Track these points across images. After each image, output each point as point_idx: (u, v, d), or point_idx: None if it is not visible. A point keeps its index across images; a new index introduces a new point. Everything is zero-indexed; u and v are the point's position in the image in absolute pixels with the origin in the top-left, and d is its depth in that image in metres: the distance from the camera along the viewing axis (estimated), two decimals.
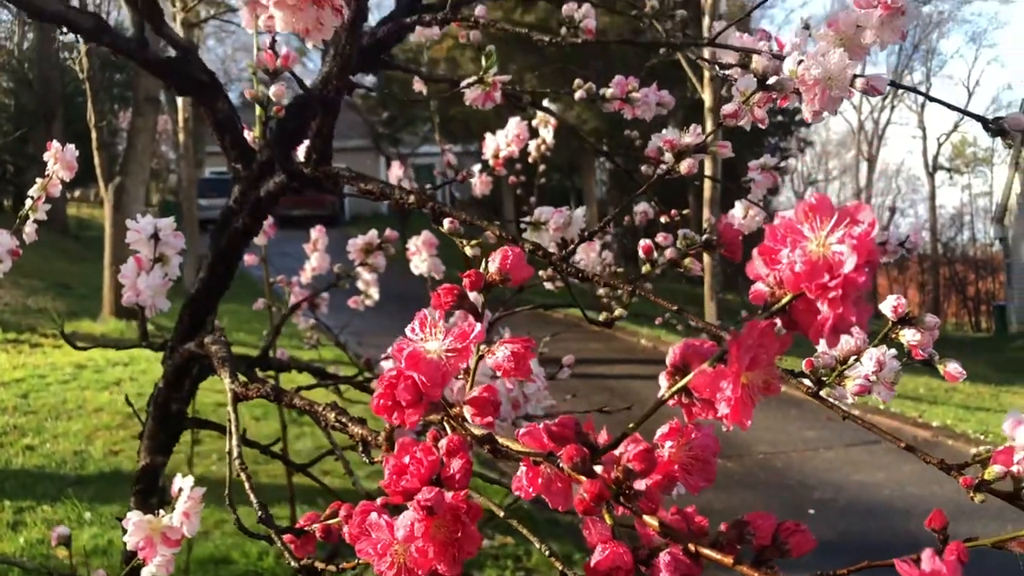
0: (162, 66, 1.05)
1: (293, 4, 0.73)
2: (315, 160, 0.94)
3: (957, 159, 32.13)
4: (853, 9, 0.87)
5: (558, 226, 1.25)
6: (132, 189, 9.67)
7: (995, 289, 27.92)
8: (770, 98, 0.82)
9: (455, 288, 0.61)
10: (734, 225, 1.56)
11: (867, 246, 0.41)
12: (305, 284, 2.13)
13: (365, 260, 1.36)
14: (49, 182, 1.75)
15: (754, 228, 1.62)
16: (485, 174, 1.97)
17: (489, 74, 1.08)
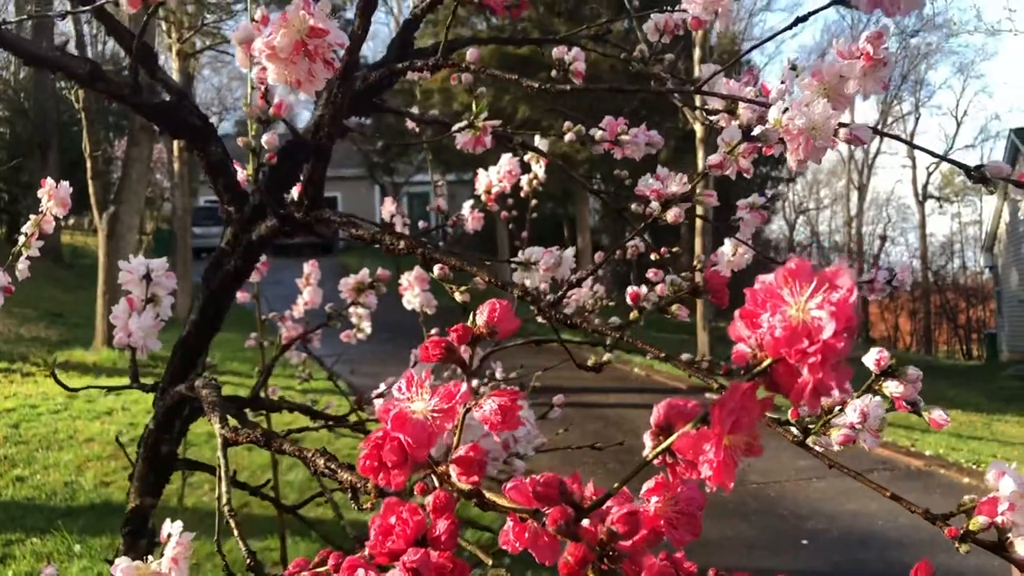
0: (156, 111, 1.06)
1: (286, 57, 0.74)
2: (307, 205, 0.95)
3: (947, 188, 32.35)
4: (836, 59, 0.88)
5: (548, 267, 1.26)
6: (126, 218, 9.68)
7: (986, 317, 28.01)
8: (755, 148, 0.83)
9: (443, 341, 0.62)
10: (721, 269, 1.57)
11: (845, 312, 0.42)
12: (298, 319, 2.13)
13: (357, 299, 1.36)
14: (43, 219, 1.76)
15: (743, 266, 1.64)
16: (477, 210, 1.99)
17: (480, 119, 1.09)
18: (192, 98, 1.11)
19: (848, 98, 0.88)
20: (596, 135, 1.29)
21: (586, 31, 1.30)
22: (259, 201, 1.05)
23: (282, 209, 0.99)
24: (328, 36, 0.73)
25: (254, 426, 0.97)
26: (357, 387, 8.40)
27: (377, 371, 7.73)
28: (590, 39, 1.33)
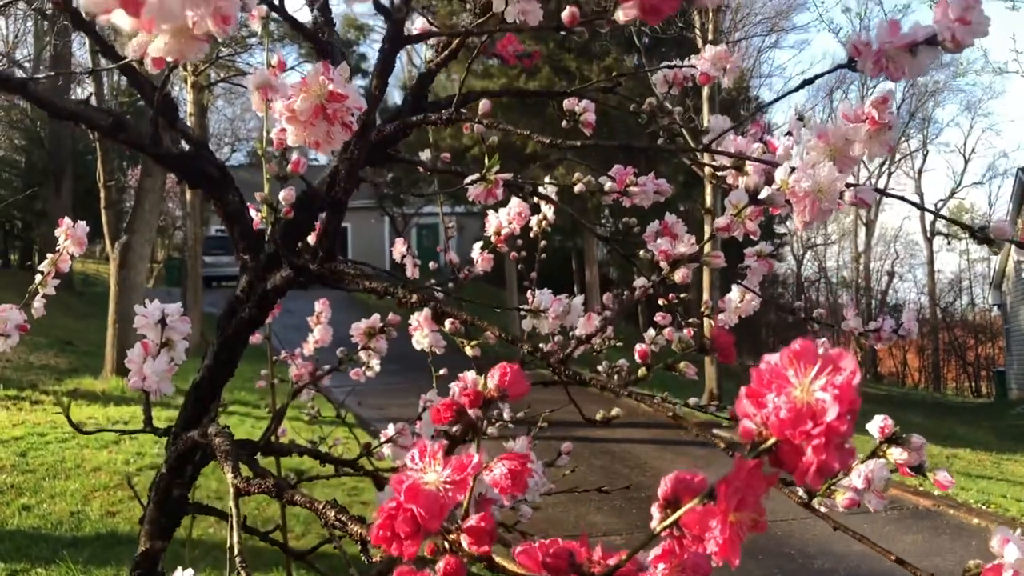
0: (175, 161, 1.08)
1: (305, 120, 0.76)
2: (321, 257, 0.97)
3: (954, 225, 32.30)
4: (842, 122, 0.90)
5: (557, 315, 1.27)
6: (138, 247, 9.75)
7: (995, 354, 27.85)
8: (761, 211, 0.85)
9: (454, 404, 0.63)
10: (729, 316, 1.58)
11: (849, 395, 0.43)
12: (308, 356, 2.15)
13: (368, 344, 1.38)
14: (59, 257, 1.79)
15: (751, 312, 1.65)
16: (487, 251, 2.00)
17: (492, 171, 1.11)
18: (209, 148, 1.13)
19: (854, 160, 0.89)
20: (606, 186, 1.31)
21: (596, 84, 1.32)
22: (274, 250, 1.07)
23: (297, 259, 1.01)
24: (347, 101, 0.75)
25: (265, 475, 0.98)
26: (365, 419, 8.38)
27: (384, 403, 7.68)
28: (600, 91, 1.35)
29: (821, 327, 1.63)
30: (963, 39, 0.85)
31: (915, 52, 0.88)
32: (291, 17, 1.13)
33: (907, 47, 0.88)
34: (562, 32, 0.81)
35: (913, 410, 17.05)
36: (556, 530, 5.79)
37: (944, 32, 0.85)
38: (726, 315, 1.64)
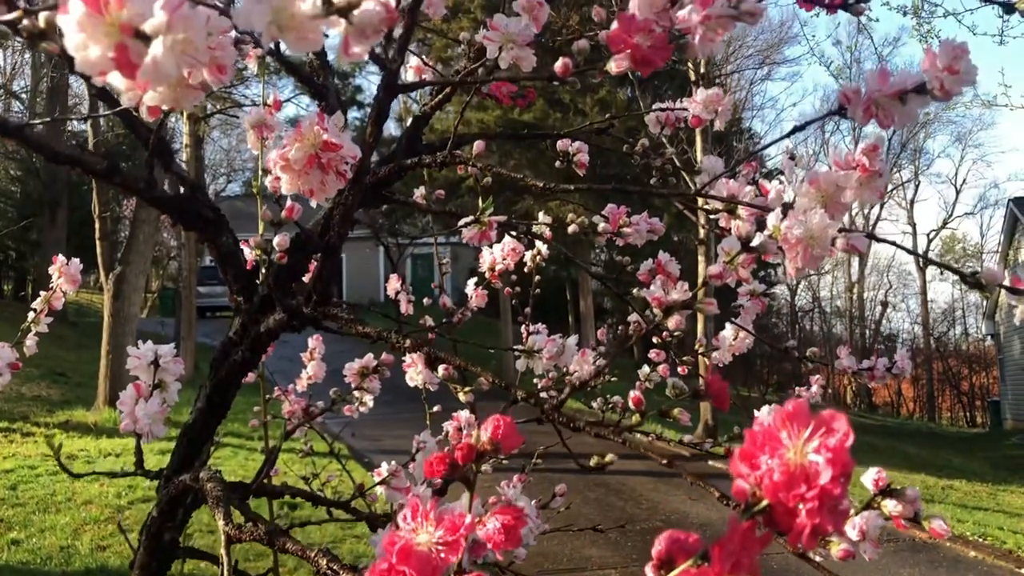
0: (169, 204, 1.09)
1: (299, 169, 0.76)
2: (315, 300, 0.97)
3: (947, 255, 32.46)
4: (833, 169, 0.91)
5: (551, 355, 1.27)
6: (132, 278, 9.74)
7: (989, 384, 27.86)
8: (753, 259, 0.85)
9: (447, 458, 0.63)
10: (723, 354, 1.58)
11: (842, 458, 0.43)
12: (301, 392, 2.14)
13: (361, 384, 1.37)
14: (53, 295, 1.78)
15: (744, 350, 1.65)
16: (481, 287, 2.01)
17: (486, 215, 1.11)
18: (204, 190, 1.14)
19: (845, 206, 0.90)
20: (599, 226, 1.32)
21: (588, 126, 1.33)
22: (267, 293, 1.07)
23: (291, 302, 1.01)
24: (341, 150, 0.75)
25: (257, 521, 0.97)
26: (358, 451, 8.32)
27: (378, 434, 7.64)
28: (592, 133, 1.36)
29: (815, 364, 1.63)
30: (951, 88, 0.86)
31: (904, 100, 0.89)
32: (287, 60, 1.14)
33: (896, 95, 0.89)
34: (555, 82, 0.81)
35: (908, 440, 17.01)
36: (551, 564, 5.74)
37: (932, 81, 0.86)
38: (720, 353, 1.64)
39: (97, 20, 0.46)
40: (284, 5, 0.49)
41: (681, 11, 0.76)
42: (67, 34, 0.46)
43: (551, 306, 20.31)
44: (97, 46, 0.46)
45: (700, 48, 0.76)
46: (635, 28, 0.76)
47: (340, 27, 0.51)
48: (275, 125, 1.48)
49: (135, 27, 0.46)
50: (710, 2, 0.79)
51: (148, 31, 0.45)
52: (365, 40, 0.51)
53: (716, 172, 1.44)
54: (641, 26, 0.77)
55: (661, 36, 0.77)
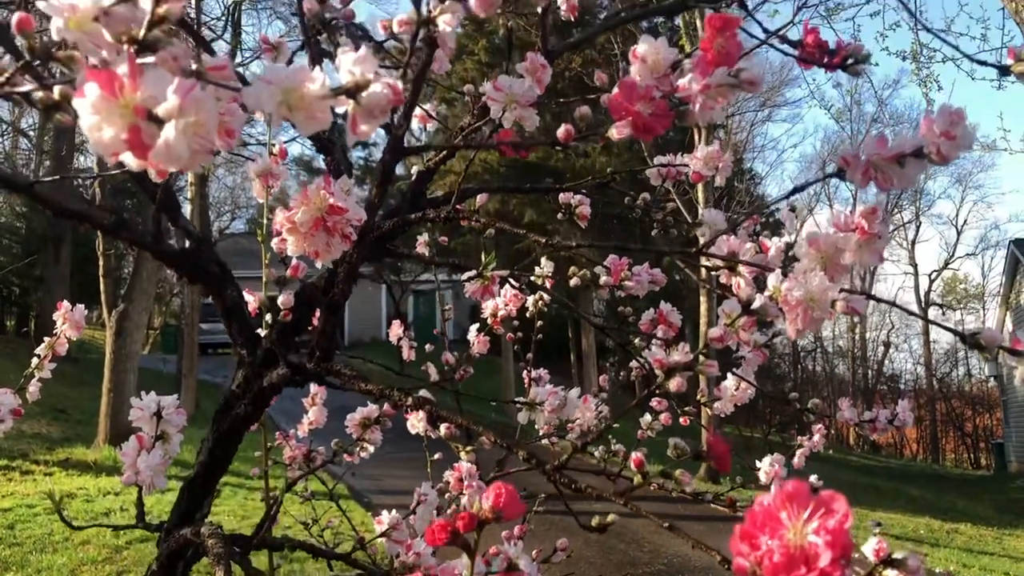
0: (176, 258, 1.10)
1: (305, 232, 0.77)
2: (318, 356, 0.97)
3: (949, 295, 32.47)
4: (833, 231, 0.92)
5: (553, 408, 1.27)
6: (135, 316, 9.75)
7: (992, 426, 27.70)
8: (754, 322, 0.86)
9: (448, 525, 0.63)
10: (724, 404, 1.58)
11: (842, 540, 0.43)
12: (302, 438, 2.14)
13: (363, 435, 1.37)
14: (56, 340, 1.79)
15: (746, 400, 1.65)
16: (483, 333, 2.01)
17: (488, 269, 1.12)
18: (210, 243, 1.15)
19: (845, 268, 0.91)
20: (601, 279, 1.33)
21: (590, 181, 1.34)
22: (271, 347, 1.08)
23: (294, 357, 1.02)
24: (347, 214, 0.77)
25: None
26: (359, 491, 8.27)
27: (379, 473, 7.59)
28: (595, 187, 1.38)
29: (817, 416, 1.63)
30: (948, 153, 0.87)
31: (903, 164, 0.90)
32: None
33: (895, 159, 0.90)
34: (557, 147, 0.83)
35: (912, 482, 16.88)
36: None
37: (930, 146, 0.87)
38: (722, 404, 1.64)
39: (111, 103, 0.47)
40: (293, 86, 0.51)
41: (681, 80, 0.78)
42: (82, 116, 0.48)
43: (553, 343, 20.25)
44: (111, 128, 0.47)
45: (700, 116, 0.78)
46: (636, 96, 0.78)
47: (348, 107, 0.52)
48: (281, 174, 1.50)
49: (148, 110, 0.47)
50: (709, 70, 0.81)
51: (161, 114, 0.47)
52: (372, 120, 0.52)
53: (717, 225, 1.45)
54: (642, 94, 0.78)
55: (662, 104, 0.78)
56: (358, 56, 0.51)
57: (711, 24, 0.83)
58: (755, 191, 21.97)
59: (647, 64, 0.84)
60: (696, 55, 0.85)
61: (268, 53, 1.46)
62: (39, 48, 0.63)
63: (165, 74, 0.48)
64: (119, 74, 0.47)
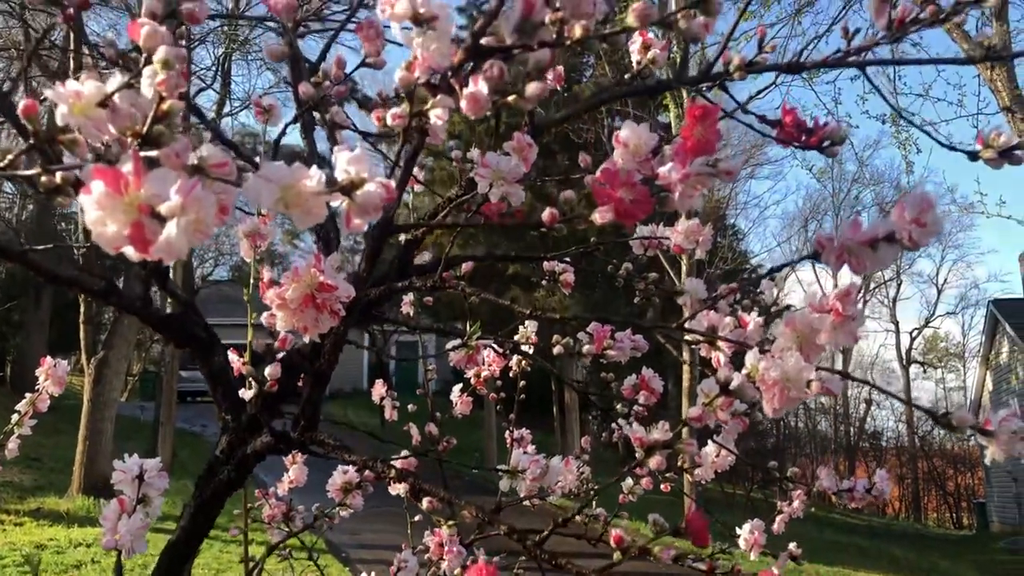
0: (163, 322, 1.11)
1: (295, 308, 0.79)
2: (303, 426, 0.99)
3: (930, 353, 32.68)
4: (808, 312, 0.95)
5: (535, 477, 1.28)
6: (114, 363, 9.68)
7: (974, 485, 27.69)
8: (731, 402, 0.88)
9: None
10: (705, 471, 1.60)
11: None
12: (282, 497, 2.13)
13: (344, 500, 1.38)
14: (38, 397, 1.79)
15: (727, 468, 1.66)
16: (466, 394, 2.03)
17: (473, 338, 1.14)
18: (196, 308, 1.16)
19: (820, 348, 0.93)
20: (583, 348, 1.35)
21: (574, 250, 1.37)
22: (256, 412, 1.09)
23: (278, 428, 1.03)
24: (336, 291, 0.79)
25: None
26: (336, 544, 8.16)
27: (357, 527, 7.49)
28: (579, 255, 1.41)
29: (795, 484, 1.65)
30: (919, 240, 0.90)
31: (876, 248, 0.93)
32: None
33: (868, 243, 0.93)
34: (541, 229, 0.85)
35: (895, 542, 16.80)
36: None
37: (901, 232, 0.91)
38: (703, 470, 1.65)
39: (116, 199, 0.49)
40: (291, 184, 0.53)
41: (662, 168, 0.81)
42: (86, 211, 0.50)
43: (536, 395, 20.18)
44: (114, 224, 0.49)
45: (680, 204, 0.81)
46: (618, 183, 0.81)
47: (343, 202, 0.54)
48: (268, 234, 1.52)
49: (152, 207, 0.49)
50: (689, 159, 0.84)
51: (164, 213, 0.49)
52: (366, 216, 0.54)
53: (698, 295, 1.48)
54: (624, 180, 0.81)
55: (643, 190, 0.81)
56: (354, 156, 0.54)
57: (691, 114, 0.87)
58: (738, 247, 22.17)
59: (629, 148, 0.87)
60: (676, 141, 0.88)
61: (259, 116, 1.49)
62: (43, 132, 0.65)
63: (168, 172, 0.50)
64: (124, 172, 0.49)
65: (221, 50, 13.55)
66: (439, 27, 0.70)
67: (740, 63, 1.05)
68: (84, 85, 0.64)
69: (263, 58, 14.80)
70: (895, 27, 1.13)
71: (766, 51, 1.09)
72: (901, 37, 1.14)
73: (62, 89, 0.64)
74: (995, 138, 1.09)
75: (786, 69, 1.15)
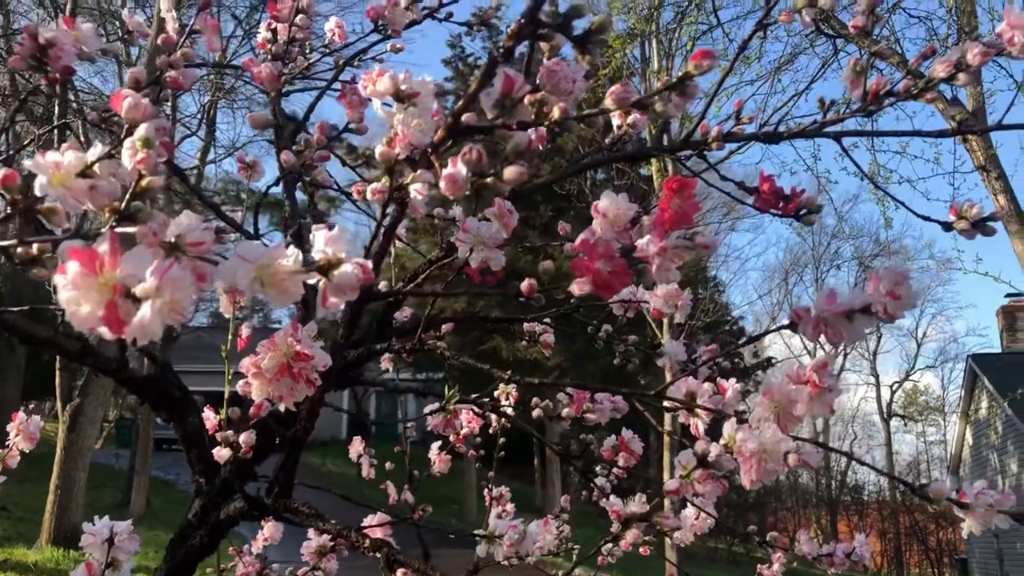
0: (140, 384, 1.10)
1: (271, 377, 0.78)
2: (277, 492, 0.97)
3: (910, 407, 32.77)
4: (786, 382, 0.95)
5: (512, 543, 1.27)
6: (90, 411, 9.54)
7: (955, 540, 27.59)
8: (709, 474, 0.88)
9: None
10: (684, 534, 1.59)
11: None
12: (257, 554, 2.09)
13: (319, 564, 1.35)
14: (8, 454, 1.76)
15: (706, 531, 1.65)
16: (444, 452, 2.01)
17: (451, 403, 1.14)
18: (172, 369, 1.15)
19: (797, 419, 0.93)
20: (563, 412, 1.35)
21: (554, 312, 1.38)
22: (229, 475, 1.07)
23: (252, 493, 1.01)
24: (313, 360, 0.78)
25: None
26: None
27: None
28: (557, 317, 1.41)
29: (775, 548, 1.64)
30: (894, 312, 0.91)
31: (852, 319, 0.94)
32: None
33: (844, 314, 0.94)
34: (520, 298, 0.86)
35: None
36: None
37: (876, 305, 0.91)
38: (682, 533, 1.64)
39: (91, 280, 0.49)
40: (267, 263, 0.53)
41: (640, 241, 0.81)
42: (61, 290, 0.49)
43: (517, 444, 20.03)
44: (88, 304, 0.49)
45: (658, 276, 0.81)
46: (597, 254, 0.81)
47: (319, 281, 0.54)
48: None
49: (126, 288, 0.49)
50: (667, 230, 0.85)
51: (139, 294, 0.48)
52: (342, 296, 0.54)
53: (678, 357, 1.48)
54: (603, 252, 0.82)
55: (621, 262, 0.82)
56: (332, 235, 0.54)
57: (669, 186, 0.88)
58: (719, 299, 22.27)
59: (608, 218, 0.88)
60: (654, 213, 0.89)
61: (242, 171, 1.50)
62: (22, 202, 0.65)
63: (145, 252, 0.50)
64: (99, 251, 0.49)
65: (207, 97, 13.65)
66: (421, 103, 0.71)
67: (718, 134, 1.06)
68: (64, 156, 0.64)
69: (248, 106, 14.89)
70: (869, 99, 1.16)
71: (743, 122, 1.11)
72: (876, 111, 1.16)
73: (42, 160, 0.64)
74: (968, 209, 1.11)
75: (763, 139, 1.17)
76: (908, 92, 1.07)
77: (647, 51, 12.40)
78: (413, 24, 1.41)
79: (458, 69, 20.19)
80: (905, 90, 1.07)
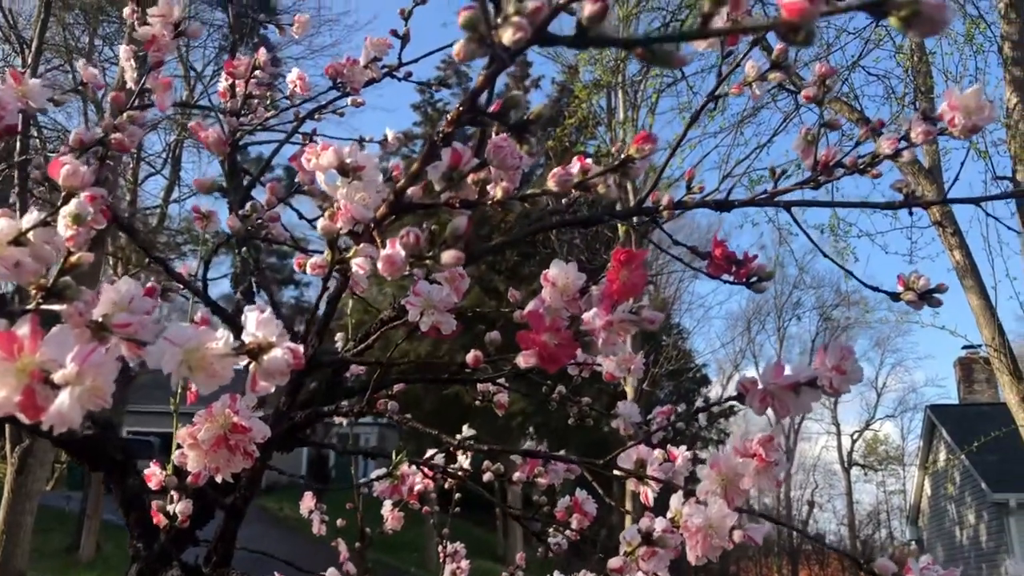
0: (79, 446, 1.07)
1: (207, 450, 0.77)
2: (215, 562, 0.95)
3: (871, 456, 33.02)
4: (733, 455, 0.95)
5: None
6: (40, 453, 9.28)
7: None
8: (654, 552, 0.87)
9: None
10: None
11: None
12: None
13: None
14: None
15: None
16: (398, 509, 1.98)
17: (398, 469, 1.12)
18: (115, 428, 1.13)
19: (744, 492, 0.93)
20: (514, 475, 1.33)
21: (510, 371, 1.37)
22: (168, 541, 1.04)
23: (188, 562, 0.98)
24: (250, 433, 0.76)
25: None
26: None
27: None
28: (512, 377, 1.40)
29: None
30: (839, 387, 0.92)
31: (798, 392, 0.94)
32: (213, 303, 1.16)
33: (790, 388, 0.94)
34: (467, 369, 0.85)
35: None
36: None
37: (823, 379, 0.92)
38: None
39: (7, 364, 0.47)
40: (195, 347, 0.52)
41: (586, 314, 0.81)
42: None
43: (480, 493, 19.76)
44: (4, 388, 0.47)
45: (604, 349, 0.81)
46: (543, 327, 0.81)
47: (249, 365, 0.53)
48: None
49: (45, 373, 0.47)
50: (615, 302, 0.85)
51: (58, 381, 0.47)
52: (272, 380, 0.53)
53: (632, 419, 1.48)
54: (549, 325, 0.81)
55: (567, 335, 0.82)
56: (263, 318, 0.53)
57: (617, 258, 0.88)
58: (683, 346, 22.38)
59: (557, 288, 0.88)
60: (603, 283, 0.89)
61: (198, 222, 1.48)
62: None
63: (67, 335, 0.48)
64: (19, 335, 0.48)
65: (172, 137, 13.58)
66: (365, 176, 0.71)
67: (669, 203, 1.07)
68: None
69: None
70: (820, 168, 1.17)
71: (694, 191, 1.12)
72: (825, 182, 1.18)
73: None
74: (915, 280, 1.13)
75: (715, 207, 1.18)
76: (855, 167, 1.08)
77: (613, 101, 12.58)
78: (372, 83, 1.42)
79: (427, 114, 20.30)
80: (852, 164, 1.09)
